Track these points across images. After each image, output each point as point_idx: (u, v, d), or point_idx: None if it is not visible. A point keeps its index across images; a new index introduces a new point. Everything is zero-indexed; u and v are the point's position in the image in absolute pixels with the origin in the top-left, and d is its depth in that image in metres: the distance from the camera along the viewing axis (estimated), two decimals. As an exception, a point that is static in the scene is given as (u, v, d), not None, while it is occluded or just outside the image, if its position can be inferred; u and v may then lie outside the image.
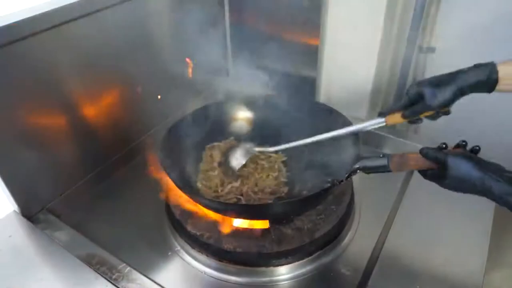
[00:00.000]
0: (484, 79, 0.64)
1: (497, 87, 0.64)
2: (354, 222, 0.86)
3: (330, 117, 0.89)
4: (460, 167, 0.58)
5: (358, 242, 0.82)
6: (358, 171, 0.71)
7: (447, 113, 0.70)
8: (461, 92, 0.66)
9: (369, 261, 0.77)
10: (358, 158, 0.71)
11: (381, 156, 0.68)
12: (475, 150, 0.62)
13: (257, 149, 0.92)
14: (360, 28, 1.11)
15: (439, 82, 0.68)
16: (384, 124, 0.74)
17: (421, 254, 0.75)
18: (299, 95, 1.19)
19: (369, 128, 0.75)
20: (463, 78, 0.66)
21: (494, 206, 0.82)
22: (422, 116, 0.71)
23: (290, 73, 1.26)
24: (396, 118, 0.72)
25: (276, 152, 0.93)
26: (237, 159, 0.90)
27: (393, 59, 1.22)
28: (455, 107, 0.69)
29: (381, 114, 0.74)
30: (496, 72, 0.63)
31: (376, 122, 0.74)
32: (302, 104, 0.97)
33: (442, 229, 0.79)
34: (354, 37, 1.13)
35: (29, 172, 0.83)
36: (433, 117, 0.71)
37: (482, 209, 0.81)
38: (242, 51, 1.34)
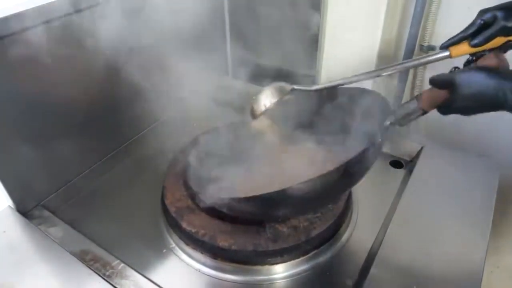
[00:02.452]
0: None
1: None
2: (351, 221, 0.85)
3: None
4: (470, 80, 0.49)
5: (355, 241, 0.81)
6: (391, 125, 0.66)
7: None
8: None
9: (366, 261, 0.76)
10: (387, 115, 0.66)
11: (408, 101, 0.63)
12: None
13: (296, 86, 0.80)
14: (360, 26, 1.10)
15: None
16: (449, 57, 0.65)
17: (419, 254, 0.74)
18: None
19: (432, 62, 0.67)
20: None
21: (493, 207, 0.81)
22: (491, 46, 0.62)
23: (289, 70, 1.25)
24: (463, 48, 0.64)
25: (316, 90, 0.80)
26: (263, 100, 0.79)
27: (393, 58, 1.21)
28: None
29: (443, 47, 0.65)
30: None
31: (440, 56, 0.66)
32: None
33: (440, 229, 0.78)
34: (354, 35, 1.12)
35: (24, 167, 0.82)
36: (504, 48, 0.63)
37: (482, 208, 0.80)
38: (242, 48, 1.34)
